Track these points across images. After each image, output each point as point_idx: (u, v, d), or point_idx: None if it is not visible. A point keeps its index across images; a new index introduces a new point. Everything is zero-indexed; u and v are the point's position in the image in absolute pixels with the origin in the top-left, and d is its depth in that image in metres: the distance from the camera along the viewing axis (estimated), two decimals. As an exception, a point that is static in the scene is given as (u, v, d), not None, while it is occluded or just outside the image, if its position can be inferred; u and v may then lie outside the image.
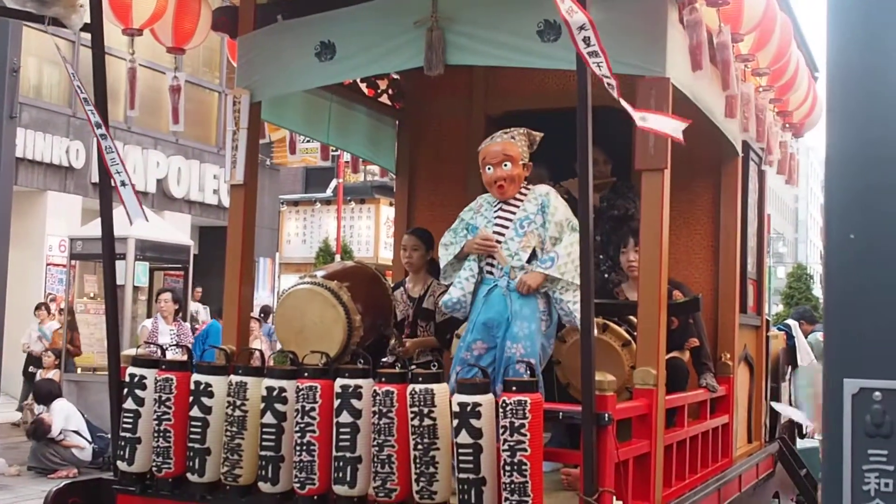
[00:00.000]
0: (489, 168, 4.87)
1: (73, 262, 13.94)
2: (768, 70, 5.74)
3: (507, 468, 3.81)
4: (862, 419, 2.20)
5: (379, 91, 7.20)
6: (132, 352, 5.08)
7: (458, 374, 4.58)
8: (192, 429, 4.57)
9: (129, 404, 4.72)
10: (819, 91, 7.11)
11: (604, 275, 6.07)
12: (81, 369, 13.41)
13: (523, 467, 3.79)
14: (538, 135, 4.97)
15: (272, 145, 17.09)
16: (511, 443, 3.81)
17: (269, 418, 4.37)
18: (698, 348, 5.80)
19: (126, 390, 4.76)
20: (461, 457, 3.91)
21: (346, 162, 10.31)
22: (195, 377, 4.60)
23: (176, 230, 15.79)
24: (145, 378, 4.71)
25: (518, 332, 4.68)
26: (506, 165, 4.83)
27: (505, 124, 5.21)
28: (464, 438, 3.90)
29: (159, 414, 4.62)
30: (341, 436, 4.19)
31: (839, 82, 2.28)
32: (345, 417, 4.19)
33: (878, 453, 2.19)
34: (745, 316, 6.62)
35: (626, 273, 5.82)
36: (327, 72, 5.27)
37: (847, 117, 2.25)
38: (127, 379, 4.77)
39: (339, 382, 4.23)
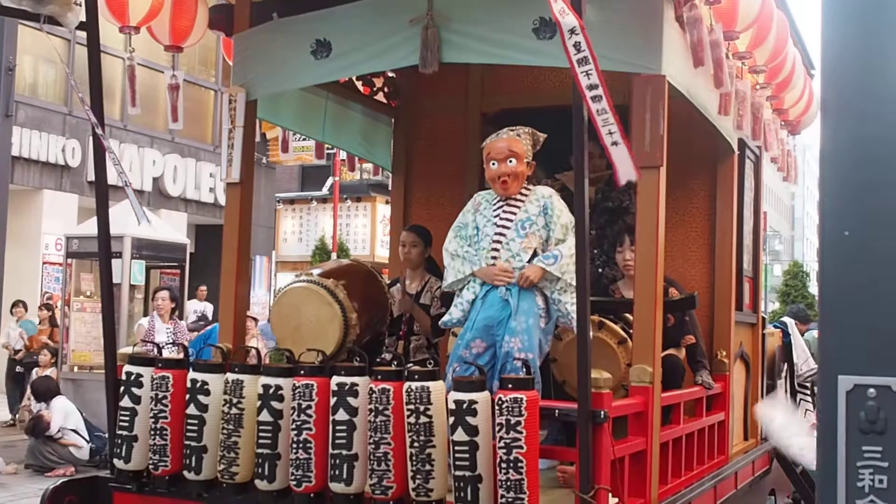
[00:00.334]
0: (493, 163, 4.87)
1: (70, 261, 13.91)
2: (765, 67, 5.75)
3: (504, 465, 3.82)
4: (856, 416, 2.20)
5: (374, 89, 7.20)
6: (129, 350, 5.08)
7: (456, 372, 4.58)
8: (189, 427, 4.57)
9: (126, 402, 4.73)
10: (815, 88, 7.12)
11: (598, 269, 6.08)
12: (78, 368, 13.40)
13: (519, 464, 3.79)
14: (542, 136, 4.98)
15: (268, 143, 17.08)
16: (507, 440, 3.81)
17: (266, 416, 4.38)
18: (693, 346, 5.81)
19: (122, 388, 4.77)
20: (457, 454, 3.92)
21: (343, 160, 10.33)
22: (192, 375, 4.61)
23: (172, 228, 15.78)
24: (142, 376, 4.72)
25: (516, 327, 4.68)
26: (510, 162, 4.84)
27: (500, 122, 5.22)
28: (460, 436, 3.90)
29: (156, 412, 4.62)
30: (338, 433, 4.19)
31: (834, 79, 2.29)
32: (341, 415, 4.19)
33: (873, 450, 2.20)
34: (741, 313, 6.63)
35: (623, 271, 5.83)
36: (323, 70, 5.27)
37: (842, 114, 2.26)
38: (123, 377, 4.78)
39: (336, 380, 4.24)
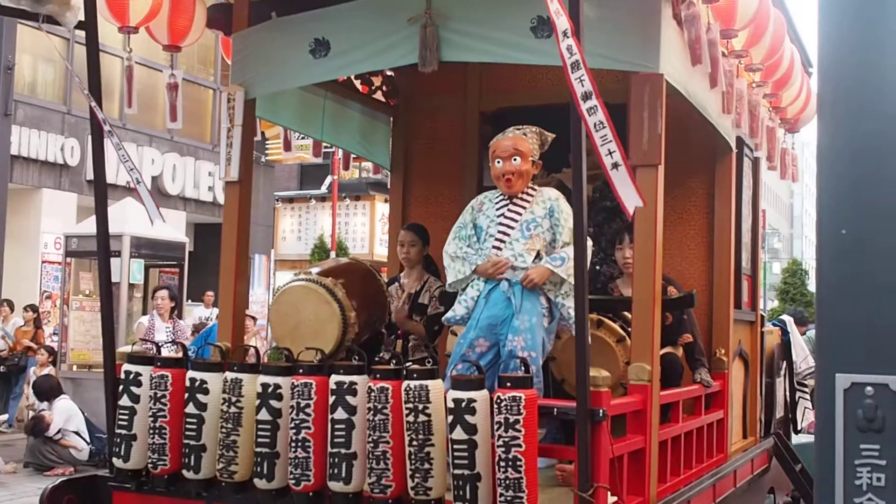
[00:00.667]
0: (498, 161, 4.87)
1: (69, 260, 13.93)
2: (762, 66, 5.75)
3: (502, 464, 3.82)
4: (854, 414, 2.21)
5: (373, 88, 7.20)
6: (127, 349, 5.08)
7: (458, 372, 4.58)
8: (188, 425, 4.57)
9: (125, 401, 4.73)
10: (813, 86, 7.12)
11: (596, 267, 6.08)
12: (77, 367, 13.41)
13: (518, 463, 3.79)
14: (550, 135, 4.98)
15: (267, 142, 17.07)
16: (506, 439, 3.81)
17: (265, 415, 4.38)
18: (692, 344, 5.81)
19: (122, 387, 4.77)
20: (456, 453, 3.92)
21: (341, 159, 10.31)
22: (190, 374, 4.61)
23: (171, 227, 15.77)
24: (141, 375, 4.72)
25: (519, 326, 4.69)
26: (515, 160, 4.84)
27: (499, 120, 5.23)
28: (458, 434, 3.90)
29: (155, 411, 4.62)
30: (336, 432, 4.20)
31: (831, 77, 2.29)
32: (340, 414, 4.19)
33: (870, 448, 2.20)
34: (740, 311, 6.64)
35: (622, 269, 5.83)
36: (322, 69, 5.27)
37: (839, 112, 2.26)
38: (122, 376, 4.78)
39: (334, 379, 4.24)
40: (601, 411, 4.01)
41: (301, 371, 4.35)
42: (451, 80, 6.84)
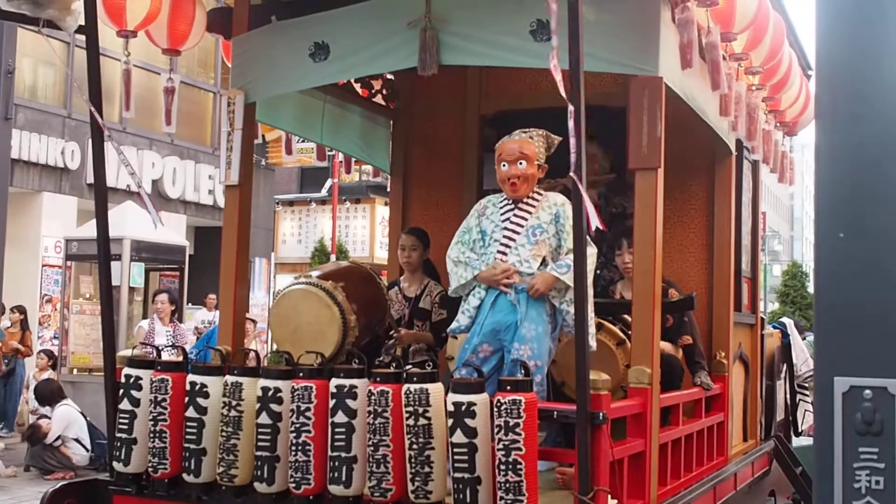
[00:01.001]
0: (504, 165, 4.87)
1: (69, 264, 13.93)
2: (761, 69, 5.76)
3: (502, 467, 3.82)
4: (852, 417, 2.21)
5: (373, 91, 7.20)
6: (128, 352, 5.08)
7: (461, 377, 4.57)
8: (188, 429, 4.57)
9: (125, 405, 4.73)
10: (812, 89, 7.12)
11: (597, 271, 6.07)
12: (77, 370, 13.40)
13: (518, 466, 3.80)
14: (557, 139, 4.93)
15: (267, 145, 17.07)
16: (506, 442, 3.81)
17: (265, 418, 4.38)
18: (692, 347, 5.81)
19: (122, 391, 4.77)
20: (456, 456, 3.92)
21: (342, 162, 10.32)
22: (191, 378, 4.61)
23: (171, 231, 15.77)
24: (141, 379, 4.71)
25: (526, 334, 4.69)
26: (521, 164, 4.84)
27: (498, 123, 5.23)
28: (459, 438, 3.90)
29: (155, 415, 4.62)
30: (336, 436, 4.20)
31: (828, 81, 2.29)
32: (340, 417, 4.19)
33: (869, 451, 2.20)
34: (740, 314, 6.64)
35: (623, 273, 5.84)
36: (321, 72, 5.28)
37: (836, 116, 2.26)
38: (123, 380, 4.78)
39: (335, 382, 4.24)
40: (601, 414, 4.01)
41: (301, 374, 4.35)
42: (452, 84, 6.84)
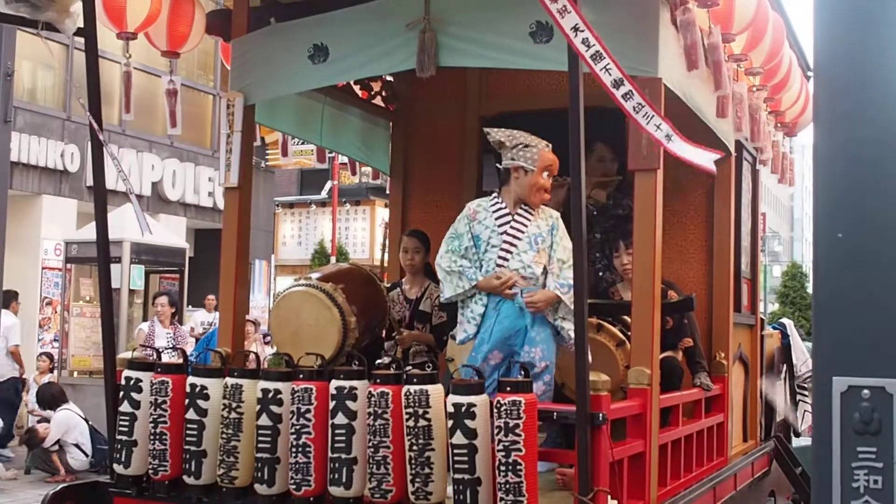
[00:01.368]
0: (545, 174, 4.90)
1: (69, 266, 13.92)
2: (761, 69, 5.76)
3: (502, 468, 3.82)
4: (851, 417, 2.21)
5: (372, 93, 7.20)
6: (128, 355, 5.08)
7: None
8: (188, 431, 4.58)
9: (126, 407, 4.74)
10: (811, 89, 7.12)
11: (598, 273, 6.08)
12: (77, 373, 13.39)
13: (518, 467, 3.80)
14: None
15: (266, 147, 17.07)
16: (506, 443, 3.82)
17: (265, 420, 4.38)
18: (692, 348, 5.81)
19: (122, 393, 4.77)
20: (456, 457, 3.92)
21: (342, 164, 10.33)
22: (191, 380, 4.61)
23: (171, 233, 15.77)
24: (141, 381, 4.72)
25: (535, 337, 4.77)
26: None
27: (498, 125, 5.21)
28: (459, 439, 3.91)
29: (155, 417, 4.63)
30: (337, 437, 4.20)
31: (826, 82, 2.29)
32: (340, 419, 4.20)
33: (867, 451, 2.20)
34: (740, 315, 6.64)
35: (622, 275, 5.84)
36: (320, 74, 5.28)
37: (834, 117, 2.26)
38: (123, 382, 4.79)
39: (335, 384, 4.24)
40: (601, 415, 4.01)
41: (301, 376, 4.36)
42: (451, 85, 6.84)
